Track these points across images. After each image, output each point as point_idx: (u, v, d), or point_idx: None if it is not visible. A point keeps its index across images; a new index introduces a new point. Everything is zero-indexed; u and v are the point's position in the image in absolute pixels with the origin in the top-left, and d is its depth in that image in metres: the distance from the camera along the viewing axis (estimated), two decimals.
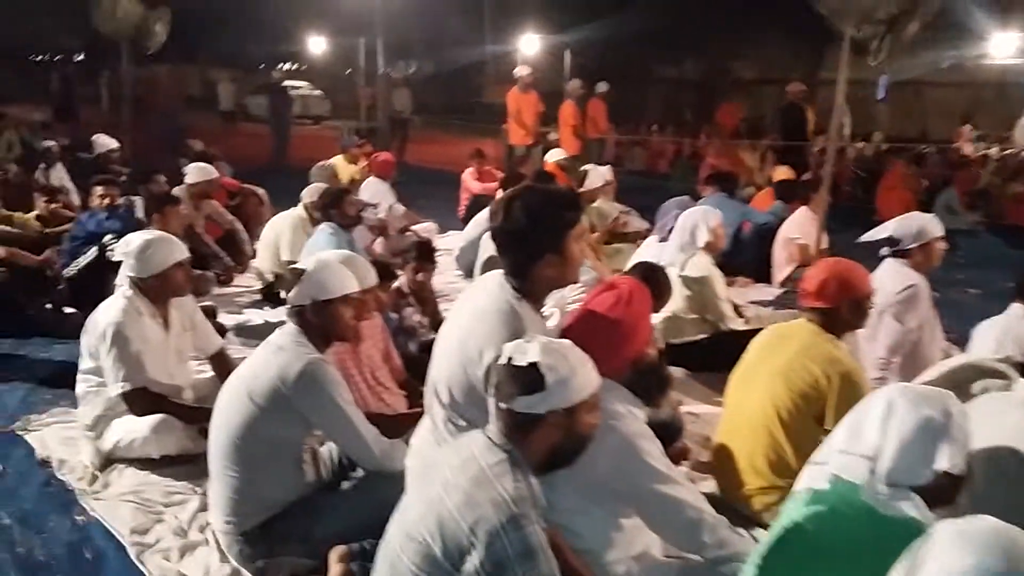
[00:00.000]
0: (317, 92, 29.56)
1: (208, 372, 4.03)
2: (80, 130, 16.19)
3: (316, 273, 2.92)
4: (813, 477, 2.01)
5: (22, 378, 4.60)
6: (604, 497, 2.36)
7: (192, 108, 24.01)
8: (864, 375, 3.12)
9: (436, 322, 4.90)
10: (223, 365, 3.91)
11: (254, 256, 6.92)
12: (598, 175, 7.36)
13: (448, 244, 8.61)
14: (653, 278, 3.63)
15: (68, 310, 5.67)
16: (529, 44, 22.47)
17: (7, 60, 34.73)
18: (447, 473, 1.96)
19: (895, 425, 1.89)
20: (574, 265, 2.48)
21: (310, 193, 6.47)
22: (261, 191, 8.03)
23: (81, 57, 37.12)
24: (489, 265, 5.87)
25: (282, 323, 5.60)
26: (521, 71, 11.91)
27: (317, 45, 31.40)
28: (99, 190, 6.01)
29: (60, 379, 4.58)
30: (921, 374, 3.48)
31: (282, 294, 3.44)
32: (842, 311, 3.15)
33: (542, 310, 2.64)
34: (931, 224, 4.44)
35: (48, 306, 5.56)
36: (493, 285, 2.49)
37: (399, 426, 3.15)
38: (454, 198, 11.64)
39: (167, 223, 5.22)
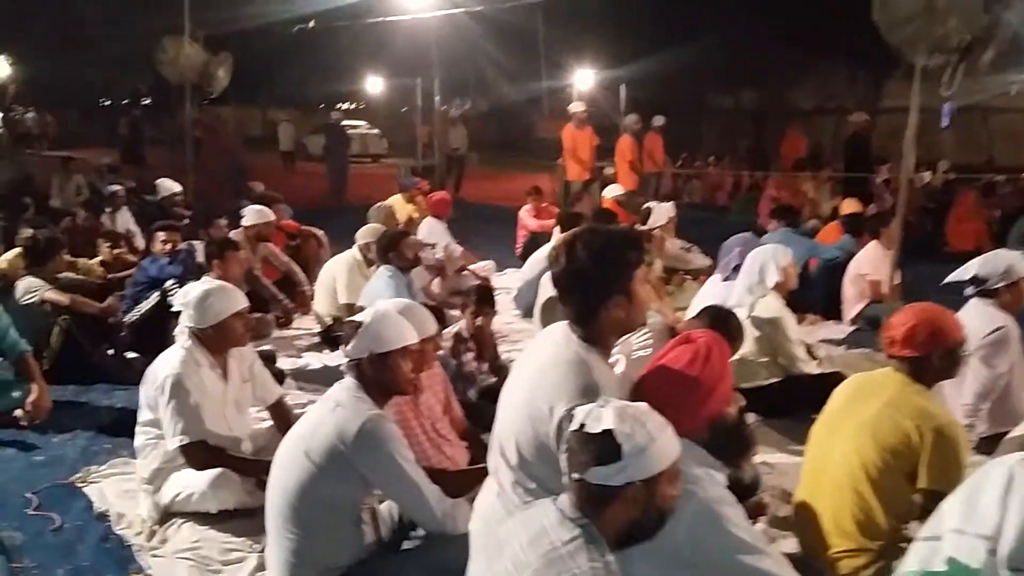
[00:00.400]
0: (375, 131, 29.95)
1: (267, 421, 3.96)
2: (146, 173, 16.62)
3: (373, 325, 2.82)
4: (925, 557, 1.82)
5: (83, 426, 4.60)
6: (684, 570, 2.19)
7: (253, 149, 24.45)
8: (960, 429, 2.89)
9: (495, 367, 4.79)
10: (282, 415, 3.83)
11: (312, 298, 6.92)
12: (662, 212, 7.19)
13: (506, 283, 8.52)
14: (725, 326, 3.46)
15: (130, 355, 5.72)
16: (583, 79, 22.53)
17: (76, 105, 36.10)
18: (517, 549, 1.82)
19: (1016, 502, 1.69)
20: (641, 307, 2.35)
21: (364, 235, 6.45)
22: (320, 232, 8.05)
23: (147, 101, 38.41)
24: (549, 306, 5.75)
25: (340, 367, 5.67)
26: (576, 107, 11.87)
27: (374, 85, 31.98)
28: (161, 235, 6.06)
29: (120, 427, 4.57)
30: (1017, 427, 3.25)
31: (344, 347, 3.31)
32: (933, 360, 2.94)
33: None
34: (1019, 262, 4.19)
35: (110, 352, 5.59)
36: (559, 336, 2.36)
37: (462, 484, 3.02)
38: (510, 235, 11.58)
39: (227, 269, 5.22)
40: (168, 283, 5.73)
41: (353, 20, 13.87)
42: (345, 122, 28.54)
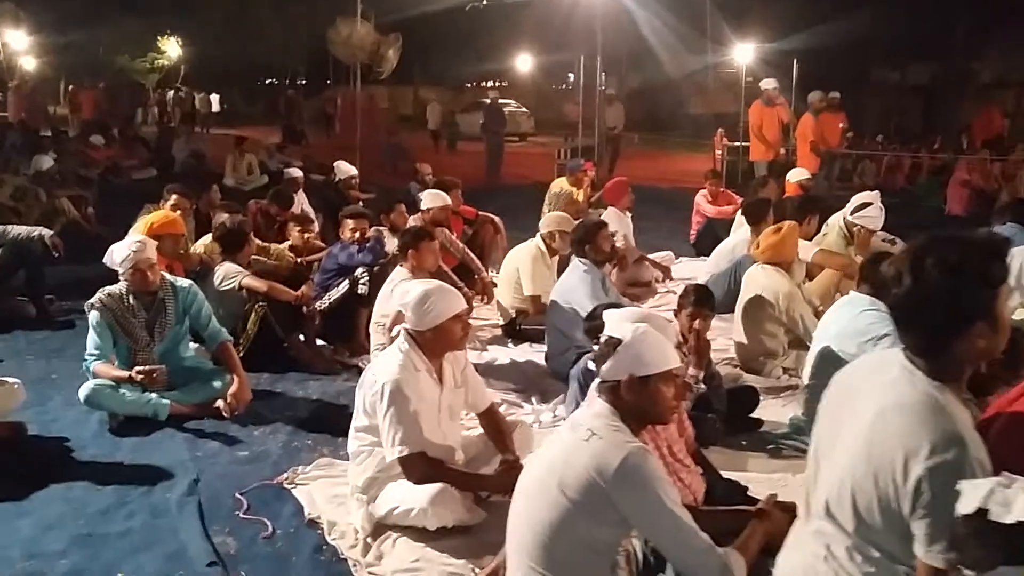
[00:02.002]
0: (523, 109, 29.72)
1: (476, 429, 3.72)
2: (308, 152, 17.02)
3: (635, 344, 2.48)
4: None
5: (282, 419, 4.52)
6: None
7: (405, 128, 24.76)
8: None
9: (708, 375, 4.38)
10: (494, 423, 3.58)
11: (492, 285, 6.71)
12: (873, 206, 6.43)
13: (681, 273, 8.06)
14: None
15: (319, 343, 5.67)
16: (743, 53, 21.46)
17: (239, 84, 37.75)
18: None
19: None
20: (1005, 332, 1.89)
21: (548, 223, 6.14)
22: (497, 219, 7.82)
23: (303, 81, 39.73)
24: (753, 307, 5.27)
25: (529, 363, 5.40)
26: (767, 84, 11.18)
27: (524, 63, 31.79)
28: (350, 223, 5.97)
29: (319, 422, 4.50)
30: None
31: (598, 365, 2.92)
32: None
33: None
34: None
35: (301, 339, 5.54)
36: (895, 372, 1.93)
37: (720, 526, 2.64)
38: (673, 217, 11.06)
39: (422, 259, 5.03)
40: (358, 271, 5.63)
41: None
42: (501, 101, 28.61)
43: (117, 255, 4.45)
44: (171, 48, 27.24)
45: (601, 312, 4.10)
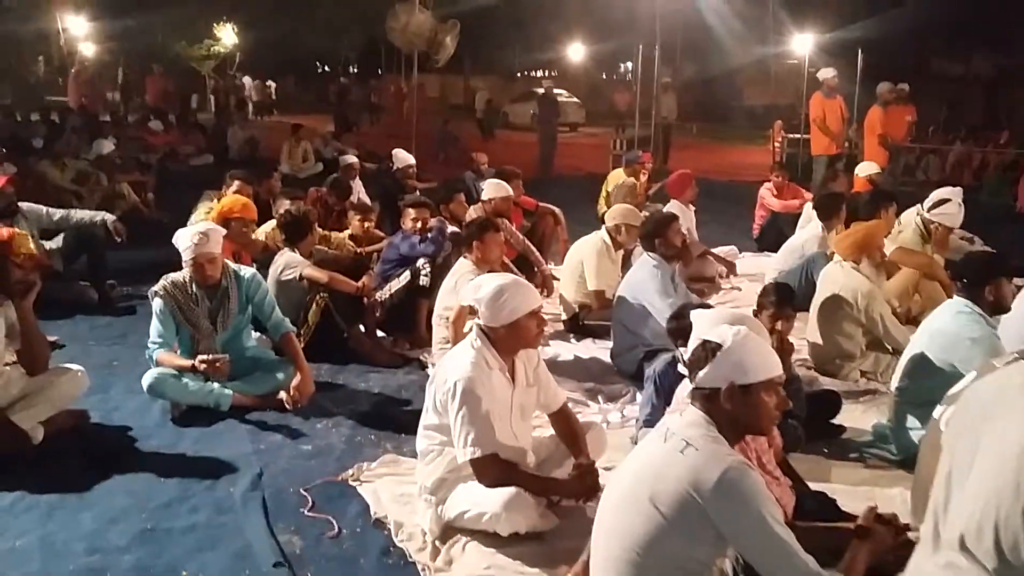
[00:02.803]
0: (574, 99, 29.41)
1: (548, 429, 3.59)
2: (361, 141, 16.99)
3: (736, 349, 2.31)
4: None
5: (345, 412, 4.43)
6: None
7: (455, 117, 24.62)
8: None
9: (788, 378, 4.17)
10: (566, 424, 3.44)
11: (553, 279, 6.56)
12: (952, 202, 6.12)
13: (745, 268, 7.82)
14: None
15: (380, 335, 5.58)
16: (802, 44, 20.92)
17: (293, 72, 37.98)
18: None
19: None
20: None
21: (614, 216, 5.96)
22: (557, 210, 7.66)
23: (355, 69, 39.88)
24: (829, 306, 5.04)
25: (594, 360, 5.24)
26: (826, 74, 10.82)
27: (576, 52, 31.46)
28: (412, 212, 5.85)
29: (381, 417, 4.41)
30: None
31: (691, 371, 2.75)
32: None
33: None
34: None
35: (362, 330, 5.46)
36: None
37: (820, 544, 2.46)
38: (733, 211, 10.78)
39: (487, 251, 4.90)
40: (419, 262, 5.53)
41: None
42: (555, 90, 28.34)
43: (180, 243, 4.40)
44: (226, 35, 27.44)
45: (688, 312, 3.95)
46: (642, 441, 2.49)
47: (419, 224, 5.73)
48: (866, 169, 8.73)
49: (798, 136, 15.52)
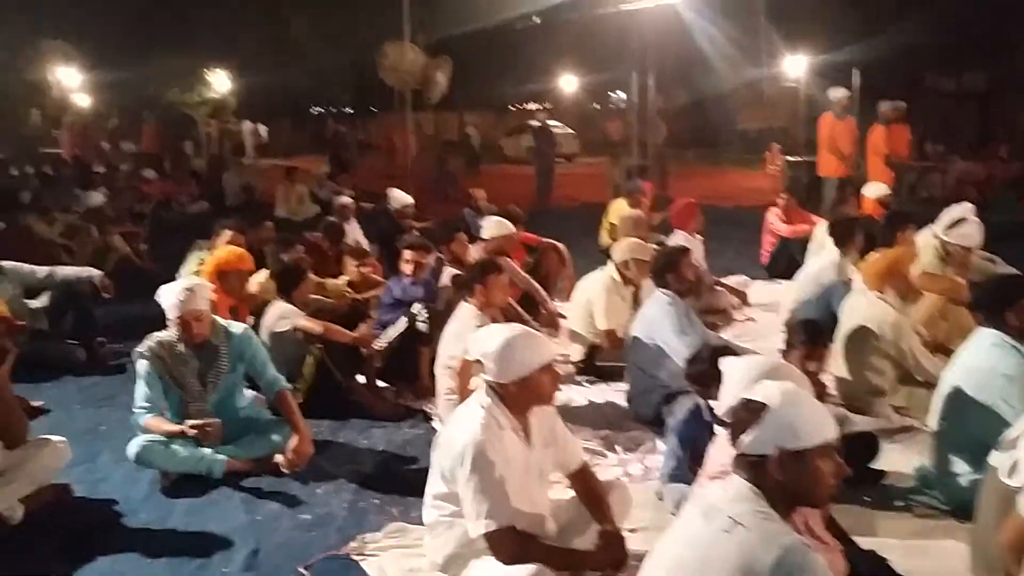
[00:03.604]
0: (569, 130, 29.37)
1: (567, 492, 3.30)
2: (357, 181, 16.82)
3: (786, 411, 2.04)
4: None
5: (346, 474, 4.15)
6: None
7: (450, 154, 24.49)
8: None
9: None
10: (587, 486, 3.15)
11: (559, 317, 6.31)
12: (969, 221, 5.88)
13: (758, 298, 7.56)
14: None
15: (381, 385, 5.30)
16: (794, 65, 20.84)
17: (286, 115, 38.00)
18: None
19: None
20: None
21: (623, 251, 5.71)
22: (561, 245, 7.42)
23: (349, 109, 39.91)
24: (857, 339, 4.77)
25: (608, 404, 4.95)
26: (837, 93, 10.61)
27: (568, 83, 31.49)
28: (407, 254, 5.61)
29: (385, 478, 4.14)
30: None
31: (735, 435, 2.49)
32: None
33: None
34: None
35: (362, 381, 5.19)
36: None
37: None
38: (738, 238, 10.54)
39: (491, 295, 4.63)
40: (414, 307, 5.28)
41: (579, 12, 13.18)
42: (534, 123, 28.22)
43: (164, 300, 4.14)
44: (218, 81, 27.45)
45: (706, 355, 3.69)
46: (681, 517, 2.21)
47: (413, 266, 5.48)
48: (874, 191, 8.51)
49: (800, 159, 15.36)
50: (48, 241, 8.34)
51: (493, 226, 6.45)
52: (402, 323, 5.27)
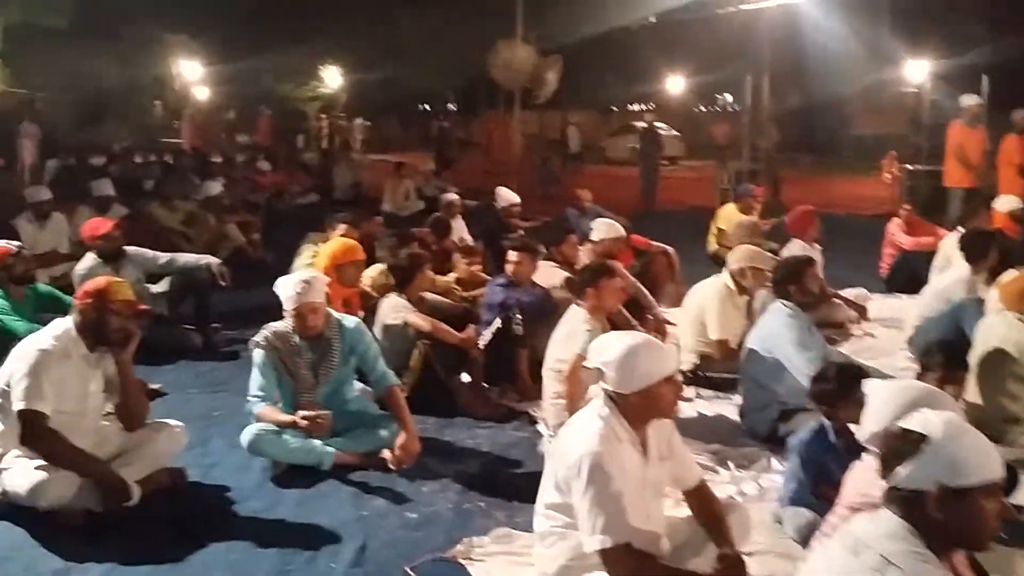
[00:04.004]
0: (673, 132, 28.89)
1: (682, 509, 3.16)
2: (462, 179, 16.96)
3: (949, 445, 1.87)
4: None
5: (452, 474, 4.11)
6: None
7: (552, 152, 24.42)
8: None
9: None
10: (706, 505, 3.01)
11: (667, 324, 6.15)
12: None
13: (878, 312, 7.19)
14: None
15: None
16: (916, 71, 19.86)
17: (394, 111, 38.73)
18: None
19: None
20: None
21: (738, 258, 5.49)
22: (671, 249, 7.25)
23: (453, 106, 40.41)
24: (992, 362, 4.45)
25: (719, 418, 4.77)
26: (968, 100, 10.07)
27: (674, 84, 30.98)
28: (514, 256, 5.54)
29: (491, 482, 4.07)
30: None
31: (887, 466, 2.36)
32: None
33: None
34: None
35: (466, 380, 5.16)
36: None
37: None
38: (855, 248, 10.08)
39: (604, 299, 4.53)
40: (511, 310, 5.21)
41: (696, 12, 12.93)
42: (639, 124, 27.84)
43: (282, 292, 4.19)
44: (330, 77, 28.20)
45: (833, 373, 3.50)
46: (821, 549, 2.06)
47: (515, 268, 5.42)
48: (1006, 204, 7.98)
49: (920, 167, 14.64)
50: (169, 228, 8.67)
51: (602, 228, 6.34)
52: (496, 324, 5.22)
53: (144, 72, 24.55)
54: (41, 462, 3.44)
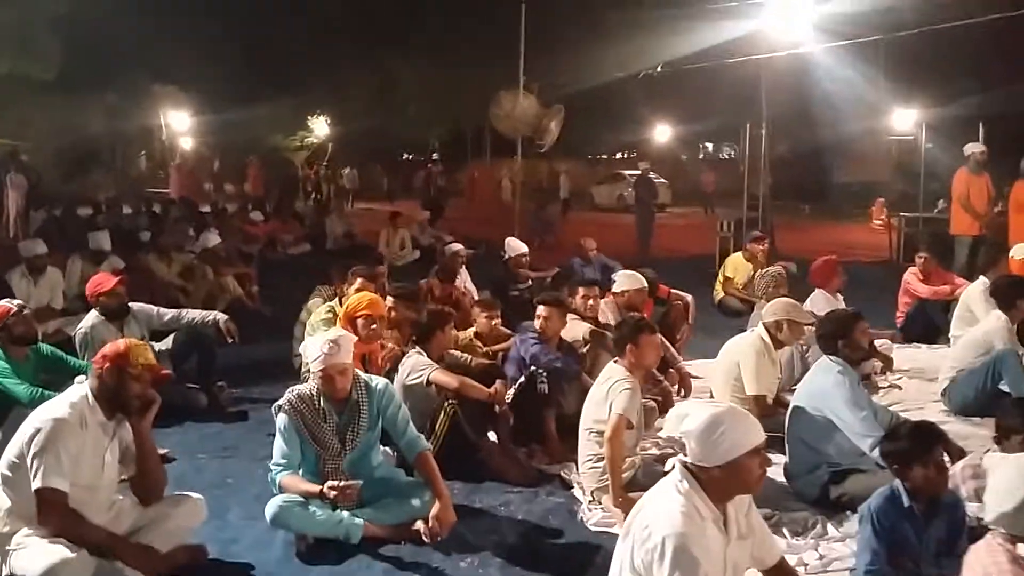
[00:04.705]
0: (662, 180, 29.01)
1: None
2: (447, 226, 16.80)
3: None
4: None
5: (489, 546, 3.84)
6: None
7: (545, 200, 24.38)
8: None
9: None
10: None
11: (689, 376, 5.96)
12: None
13: (900, 363, 7.01)
14: None
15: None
16: (902, 120, 20.01)
17: (382, 160, 38.77)
18: None
19: None
20: None
21: (775, 311, 5.28)
22: (689, 297, 7.07)
23: (436, 156, 40.51)
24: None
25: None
26: (973, 148, 10.10)
27: (662, 133, 31.22)
28: (542, 310, 5.31)
29: (532, 554, 3.82)
30: None
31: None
32: None
33: None
34: None
35: (493, 440, 4.90)
36: None
37: None
38: (858, 295, 9.92)
39: (643, 357, 4.31)
40: (536, 368, 4.99)
41: (700, 63, 12.97)
42: (628, 172, 27.95)
43: (309, 354, 3.94)
44: (318, 127, 28.22)
45: (906, 432, 3.31)
46: None
47: (543, 323, 5.20)
48: (1022, 252, 7.88)
49: (916, 215, 14.66)
50: (166, 282, 8.39)
51: (625, 280, 6.15)
52: (520, 382, 4.98)
53: (131, 123, 24.39)
54: (55, 541, 3.14)
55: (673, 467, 2.72)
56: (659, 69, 11.96)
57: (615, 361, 4.40)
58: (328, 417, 3.92)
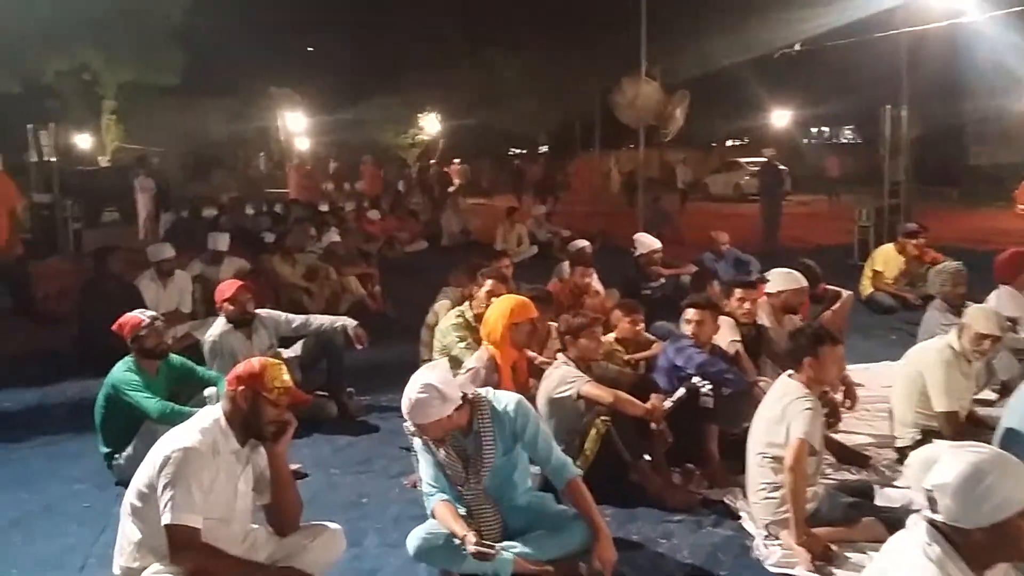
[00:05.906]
0: (782, 167, 27.74)
1: None
2: (559, 219, 16.36)
3: None
4: None
5: None
6: None
7: (653, 189, 23.67)
8: None
9: None
10: None
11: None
12: None
13: None
14: None
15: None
16: None
17: (488, 155, 38.75)
18: None
19: None
20: None
21: (978, 322, 4.51)
22: (846, 293, 6.41)
23: (544, 149, 40.15)
24: None
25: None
26: None
27: (780, 118, 29.89)
28: (690, 313, 4.81)
29: None
30: None
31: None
32: None
33: None
34: None
35: (648, 460, 4.43)
36: None
37: None
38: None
39: (824, 370, 3.77)
40: (696, 379, 4.46)
41: (843, 38, 12.09)
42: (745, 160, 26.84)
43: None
44: (429, 124, 28.28)
45: None
46: None
47: (694, 327, 4.69)
48: None
49: None
50: (291, 284, 8.28)
51: (781, 279, 5.56)
52: (679, 395, 4.47)
53: (249, 125, 25.02)
54: None
55: (916, 524, 2.19)
56: (797, 48, 11.13)
57: (789, 375, 3.87)
58: (453, 443, 3.51)
